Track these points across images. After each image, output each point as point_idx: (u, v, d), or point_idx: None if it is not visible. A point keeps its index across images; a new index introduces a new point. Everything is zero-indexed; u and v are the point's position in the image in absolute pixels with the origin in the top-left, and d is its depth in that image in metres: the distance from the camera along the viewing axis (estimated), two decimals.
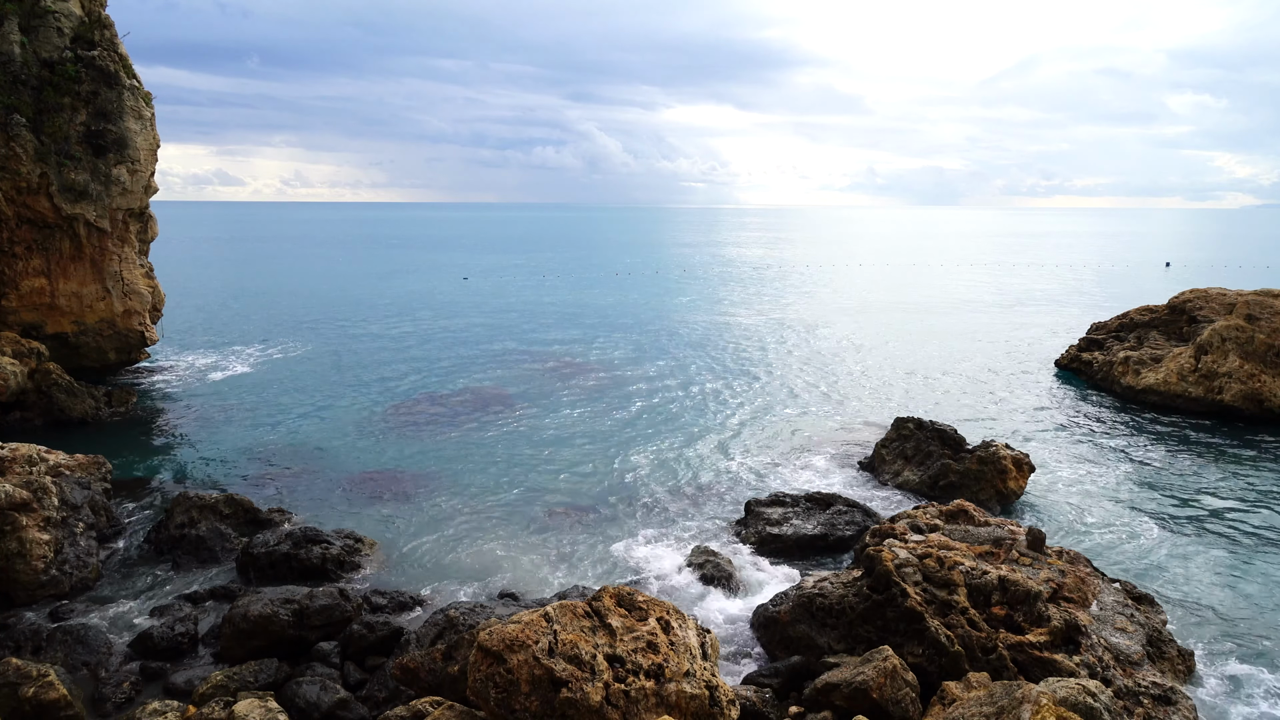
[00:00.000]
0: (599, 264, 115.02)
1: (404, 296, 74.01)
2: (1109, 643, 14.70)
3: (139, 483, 25.72)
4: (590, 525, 23.06)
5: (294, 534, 20.40)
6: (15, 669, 13.91)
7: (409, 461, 28.19)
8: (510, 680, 11.35)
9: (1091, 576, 16.68)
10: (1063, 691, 11.29)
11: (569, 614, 12.30)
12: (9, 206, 33.29)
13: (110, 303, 36.78)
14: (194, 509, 21.80)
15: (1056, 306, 70.17)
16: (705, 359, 46.30)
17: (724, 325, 58.76)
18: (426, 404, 35.93)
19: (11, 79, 32.64)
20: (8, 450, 20.08)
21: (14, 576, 17.94)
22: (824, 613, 15.95)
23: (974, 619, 14.64)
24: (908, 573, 15.48)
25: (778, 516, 22.28)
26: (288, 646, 16.30)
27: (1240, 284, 65.64)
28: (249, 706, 13.14)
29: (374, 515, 23.56)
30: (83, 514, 20.46)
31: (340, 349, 48.21)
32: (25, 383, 31.48)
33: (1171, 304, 41.56)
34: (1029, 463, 25.40)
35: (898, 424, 27.53)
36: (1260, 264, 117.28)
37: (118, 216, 36.20)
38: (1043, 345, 50.82)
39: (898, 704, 13.21)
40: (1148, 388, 36.39)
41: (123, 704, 14.83)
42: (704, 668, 12.46)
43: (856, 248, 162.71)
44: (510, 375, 41.79)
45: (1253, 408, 33.10)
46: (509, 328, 56.99)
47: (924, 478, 25.38)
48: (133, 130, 35.50)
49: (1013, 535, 17.56)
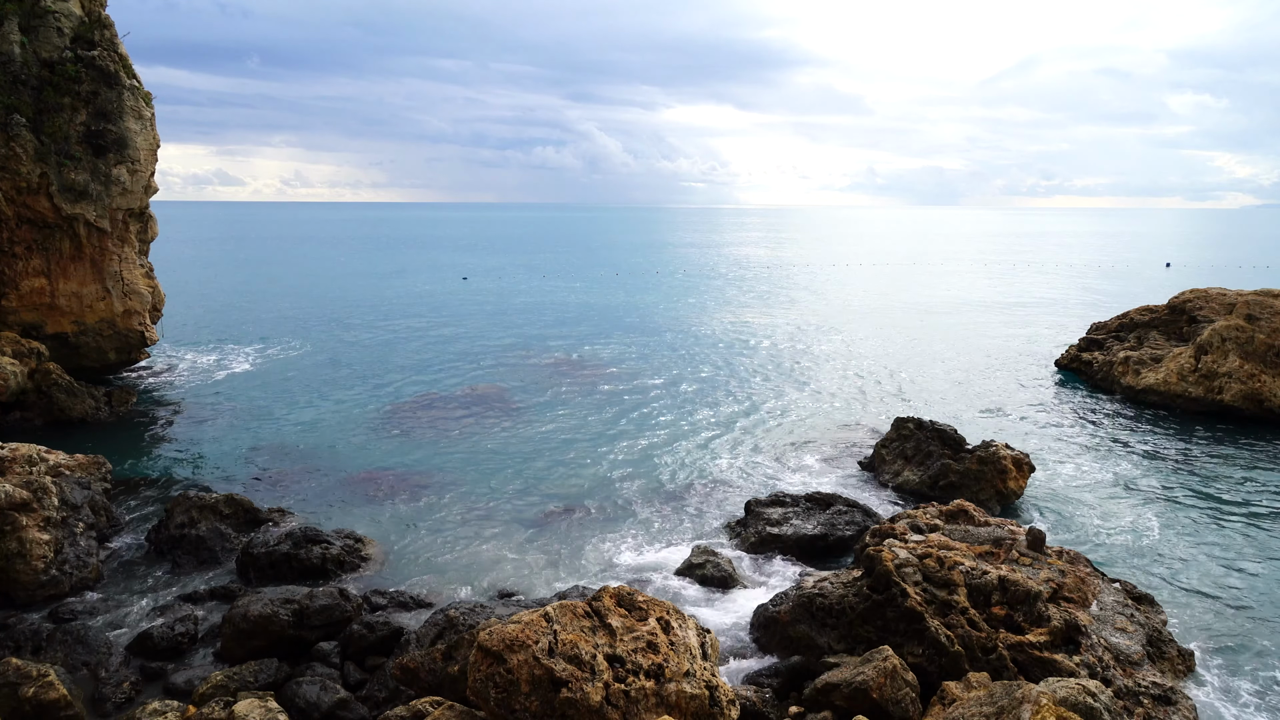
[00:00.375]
0: (599, 264, 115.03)
1: (404, 296, 74.02)
2: (1109, 643, 14.70)
3: (139, 483, 25.72)
4: (590, 525, 23.07)
5: (294, 534, 20.40)
6: (15, 669, 13.91)
7: (409, 461, 28.19)
8: (510, 680, 11.35)
9: (1091, 576, 16.68)
10: (1063, 691, 11.30)
11: (569, 614, 12.30)
12: (9, 206, 33.29)
13: (110, 303, 36.78)
14: (194, 509, 21.80)
15: (1056, 306, 70.16)
16: (706, 359, 46.31)
17: (724, 325, 58.77)
18: (427, 404, 35.93)
19: (11, 79, 32.64)
20: (8, 450, 20.08)
21: (14, 576, 17.94)
22: (824, 613, 15.95)
23: (974, 619, 14.63)
24: (908, 573, 15.48)
25: (778, 516, 22.28)
26: (288, 646, 16.30)
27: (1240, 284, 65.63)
28: (249, 706, 13.14)
29: (374, 515, 23.56)
30: (83, 514, 20.46)
31: (340, 349, 48.22)
32: (25, 383, 31.48)
33: (1171, 304, 41.56)
34: (1029, 463, 25.40)
35: (898, 424, 27.53)
36: (1260, 264, 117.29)
37: (118, 216, 36.20)
38: (1043, 345, 50.81)
39: (898, 704, 13.21)
40: (1148, 388, 36.39)
41: (123, 704, 14.83)
42: (704, 668, 12.46)
43: (857, 248, 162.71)
44: (510, 375, 41.79)
45: (1253, 408, 33.10)
46: (509, 328, 57.00)
47: (924, 478, 25.37)
48: (133, 130, 35.50)
49: (1013, 535, 17.57)
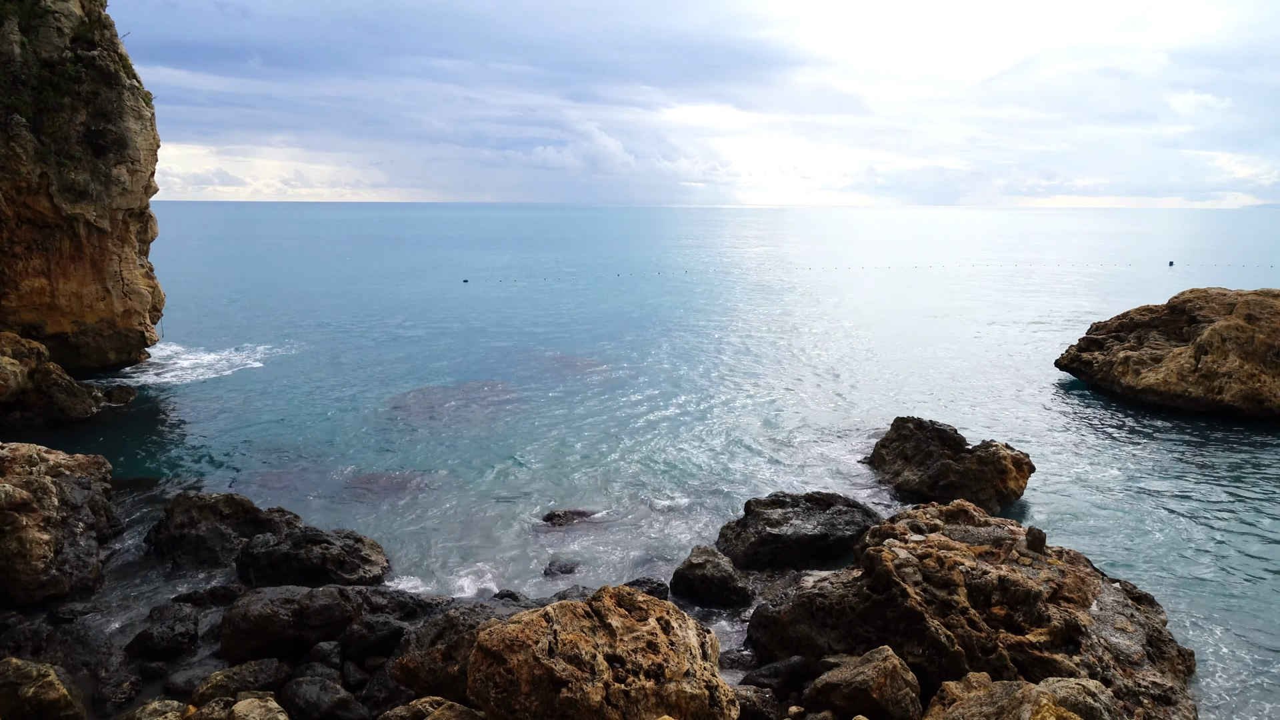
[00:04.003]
0: (600, 264, 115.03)
1: (404, 296, 74.03)
2: (1109, 643, 14.70)
3: (139, 483, 25.72)
4: (590, 525, 23.07)
5: (294, 534, 20.39)
6: (15, 669, 13.90)
7: (409, 461, 28.20)
8: (510, 680, 11.34)
9: (1091, 576, 16.68)
10: (1063, 691, 11.29)
11: (569, 614, 12.30)
12: (9, 206, 33.28)
13: (110, 303, 36.79)
14: (194, 509, 21.80)
15: (1056, 306, 70.15)
16: (705, 359, 46.32)
17: (725, 325, 58.78)
18: (427, 404, 35.93)
19: (11, 79, 32.65)
20: (8, 450, 20.08)
21: (14, 576, 17.94)
22: (824, 613, 15.95)
23: (974, 619, 14.63)
24: (908, 573, 15.48)
25: (778, 516, 22.27)
26: (288, 646, 16.30)
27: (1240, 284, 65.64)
28: (249, 706, 13.14)
29: (374, 515, 23.56)
30: (83, 514, 20.46)
31: (340, 349, 48.22)
32: (25, 383, 31.48)
33: (1171, 304, 41.55)
34: (1029, 463, 25.39)
35: (898, 424, 27.52)
36: (1260, 264, 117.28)
37: (118, 216, 36.20)
38: (1042, 345, 50.81)
39: (898, 704, 13.21)
40: (1148, 388, 36.38)
41: (123, 704, 14.83)
42: (704, 668, 12.46)
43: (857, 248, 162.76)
44: (510, 375, 41.79)
45: (1253, 408, 33.09)
46: (509, 328, 57.01)
47: (924, 478, 25.37)
48: (133, 130, 35.50)
49: (1013, 535, 17.56)
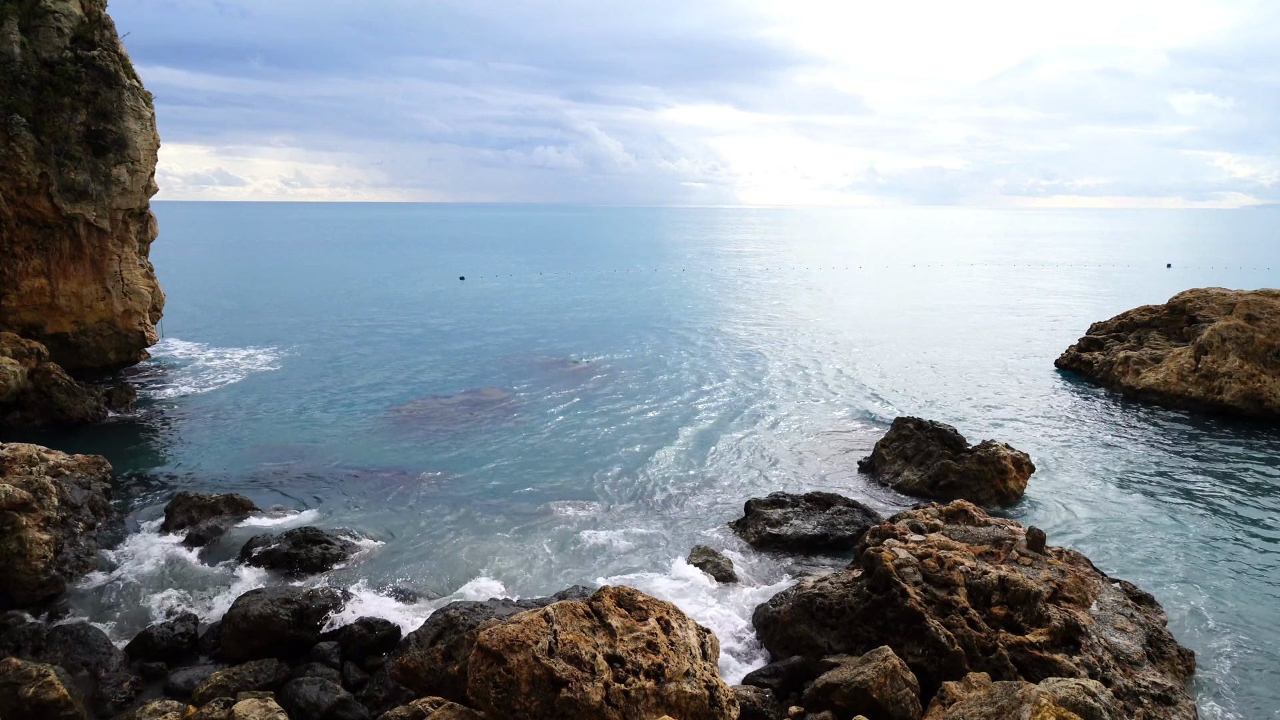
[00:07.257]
0: (600, 264, 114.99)
1: (404, 296, 74.01)
2: (1109, 643, 14.70)
3: (139, 483, 25.72)
4: (590, 525, 23.05)
5: (294, 534, 20.41)
6: (15, 669, 13.90)
7: (409, 461, 28.19)
8: (510, 680, 11.34)
9: (1091, 576, 16.68)
10: (1063, 691, 11.29)
11: (569, 614, 12.30)
12: (9, 206, 33.28)
13: (110, 303, 36.78)
14: (194, 509, 21.80)
15: (1056, 307, 70.15)
16: (705, 359, 46.31)
17: (725, 325, 58.77)
18: (426, 403, 35.93)
19: (11, 79, 32.64)
20: (8, 450, 20.08)
21: (14, 576, 17.94)
22: (824, 613, 15.95)
23: (974, 619, 14.63)
24: (908, 573, 15.48)
25: (778, 516, 22.28)
26: (288, 646, 16.31)
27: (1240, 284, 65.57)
28: (249, 706, 13.14)
29: (374, 515, 23.55)
30: (83, 514, 20.46)
31: (340, 349, 48.21)
32: (25, 383, 31.48)
33: (1171, 304, 41.56)
34: (1029, 463, 25.40)
35: (898, 424, 27.53)
36: (1260, 264, 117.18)
37: (118, 216, 36.19)
38: (1043, 345, 50.79)
39: (898, 704, 13.21)
40: (1148, 388, 36.39)
41: (123, 704, 14.83)
42: (704, 668, 12.46)
43: (857, 248, 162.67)
44: (510, 375, 41.78)
45: (1253, 408, 33.09)
46: (509, 328, 57.00)
47: (924, 478, 25.38)
48: (133, 130, 35.49)
49: (1013, 535, 17.56)
